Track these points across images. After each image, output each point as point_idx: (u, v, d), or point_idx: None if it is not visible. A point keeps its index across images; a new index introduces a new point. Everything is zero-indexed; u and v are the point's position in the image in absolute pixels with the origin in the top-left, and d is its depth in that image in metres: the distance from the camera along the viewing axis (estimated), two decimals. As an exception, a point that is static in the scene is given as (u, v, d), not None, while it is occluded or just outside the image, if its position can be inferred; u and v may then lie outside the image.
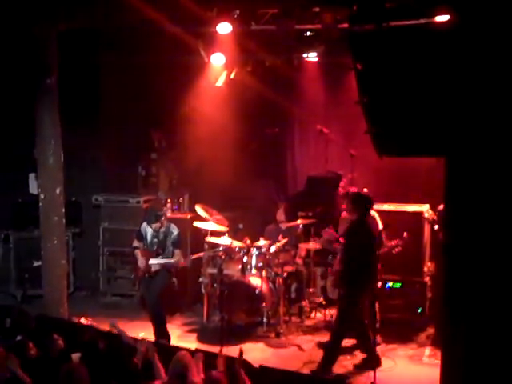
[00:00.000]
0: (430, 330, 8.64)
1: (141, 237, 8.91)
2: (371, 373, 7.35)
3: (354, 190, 9.12)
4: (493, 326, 4.60)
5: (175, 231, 8.77)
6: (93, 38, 10.57)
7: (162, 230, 8.76)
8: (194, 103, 10.63)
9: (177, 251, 8.73)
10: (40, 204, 9.43)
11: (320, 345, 8.55)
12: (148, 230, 8.83)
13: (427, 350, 8.38)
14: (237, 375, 6.14)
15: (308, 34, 9.89)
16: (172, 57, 10.32)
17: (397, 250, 8.44)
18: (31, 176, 10.97)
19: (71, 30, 9.32)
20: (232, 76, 10.58)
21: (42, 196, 9.41)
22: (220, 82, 10.60)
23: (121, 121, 10.96)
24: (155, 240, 8.78)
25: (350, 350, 8.56)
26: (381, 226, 8.76)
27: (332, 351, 7.85)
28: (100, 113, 11.13)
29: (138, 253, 8.89)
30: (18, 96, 10.24)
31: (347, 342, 8.77)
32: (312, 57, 10.46)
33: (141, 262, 8.80)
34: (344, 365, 8.21)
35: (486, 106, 4.43)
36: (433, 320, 8.52)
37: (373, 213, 8.95)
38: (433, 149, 4.99)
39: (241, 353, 6.42)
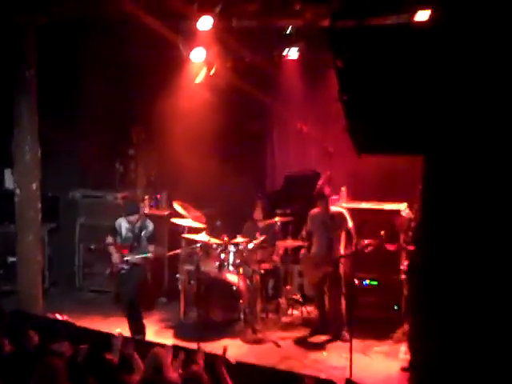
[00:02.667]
0: (406, 327, 8.67)
1: (115, 232, 8.86)
2: (347, 369, 7.39)
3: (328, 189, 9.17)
4: (466, 319, 4.64)
5: (150, 226, 8.76)
6: (71, 32, 10.48)
7: (138, 224, 8.74)
8: (173, 99, 10.58)
9: (151, 246, 8.71)
10: (16, 199, 9.36)
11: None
12: (123, 225, 8.80)
13: (403, 347, 8.42)
14: (218, 372, 6.14)
15: (289, 31, 9.91)
16: (151, 52, 10.28)
17: (369, 248, 8.48)
18: (7, 171, 10.87)
19: (50, 23, 9.24)
20: (212, 72, 10.55)
21: (17, 191, 9.34)
22: (199, 79, 10.56)
23: (99, 116, 10.88)
24: (130, 234, 8.75)
25: (324, 346, 8.66)
26: (350, 224, 8.81)
27: None
28: (78, 108, 11.04)
29: (111, 248, 8.84)
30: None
31: (321, 338, 8.85)
32: (292, 54, 10.46)
33: (115, 257, 8.76)
34: (319, 360, 8.26)
35: (465, 105, 4.46)
36: (408, 317, 8.55)
37: (342, 210, 9.00)
38: (411, 147, 5.01)
39: (224, 351, 6.43)
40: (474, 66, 4.35)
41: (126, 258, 8.65)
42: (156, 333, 9.18)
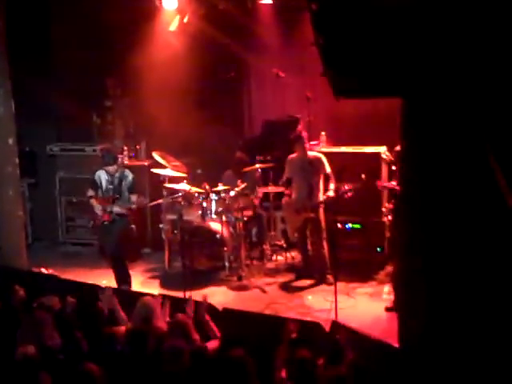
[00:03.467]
0: (389, 269, 8.80)
1: (95, 185, 8.83)
2: (333, 311, 7.50)
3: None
4: (451, 272, 4.71)
5: (130, 176, 8.74)
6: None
7: (117, 175, 8.71)
8: (147, 49, 10.44)
9: (133, 196, 8.69)
10: (-7, 155, 9.25)
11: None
12: (102, 178, 8.76)
13: (386, 287, 8.56)
14: (201, 319, 6.21)
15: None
16: (124, 1, 10.09)
17: (349, 194, 8.52)
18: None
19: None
20: (185, 20, 10.40)
21: (-6, 147, 9.22)
22: (173, 27, 10.42)
23: (74, 68, 10.72)
24: (110, 186, 8.72)
25: (309, 290, 8.78)
26: (328, 168, 8.83)
27: None
28: (52, 60, 10.86)
29: (93, 201, 8.83)
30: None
31: (306, 282, 8.96)
32: (266, -1, 10.33)
33: (98, 210, 8.74)
34: (304, 304, 8.38)
35: (443, 46, 4.44)
36: (391, 259, 8.67)
37: (319, 155, 9.01)
38: (389, 89, 5.00)
39: (204, 299, 6.49)
40: (455, 7, 4.31)
41: (108, 210, 8.64)
42: (142, 283, 9.24)
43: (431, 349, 4.87)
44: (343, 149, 9.54)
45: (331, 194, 8.67)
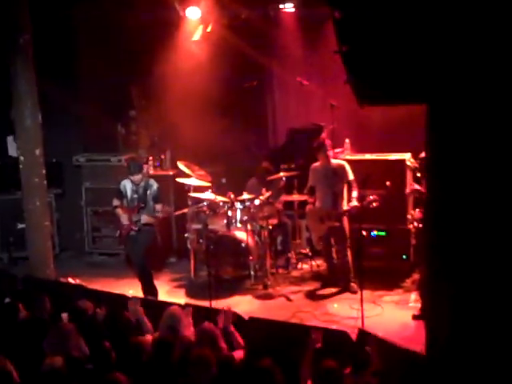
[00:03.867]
0: (415, 276, 8.74)
1: (120, 195, 8.88)
2: (359, 319, 7.47)
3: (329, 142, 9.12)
4: (479, 279, 4.66)
5: (155, 185, 8.78)
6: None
7: (142, 184, 8.76)
8: (171, 58, 10.51)
9: (158, 206, 8.73)
10: (20, 166, 9.35)
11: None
12: (128, 187, 8.81)
13: (413, 295, 8.50)
14: (227, 329, 6.21)
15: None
16: (148, 11, 10.17)
17: (374, 205, 8.48)
18: (9, 138, 10.86)
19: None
20: (208, 30, 10.47)
21: (21, 158, 9.33)
22: (196, 36, 10.49)
23: (98, 79, 10.81)
24: (135, 196, 8.76)
25: (335, 298, 8.75)
26: (351, 176, 8.80)
27: None
28: (77, 71, 10.97)
29: (119, 211, 8.88)
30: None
31: (332, 291, 8.92)
32: (289, 8, 10.36)
33: (124, 219, 8.78)
34: (330, 312, 8.35)
35: (468, 53, 4.41)
36: (417, 266, 8.61)
37: (342, 162, 8.98)
38: (414, 96, 4.97)
39: (228, 308, 6.48)
40: (478, 12, 4.29)
41: (134, 219, 8.68)
42: (168, 292, 9.27)
43: (459, 357, 4.82)
44: (367, 156, 9.50)
45: (355, 203, 8.62)
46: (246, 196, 9.44)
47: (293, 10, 10.35)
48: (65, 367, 5.27)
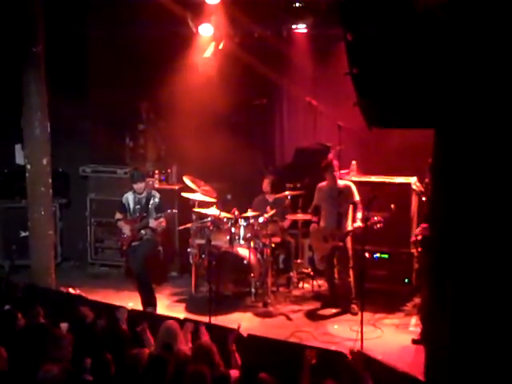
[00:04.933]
0: (417, 300, 8.72)
1: (123, 208, 8.92)
2: (358, 341, 7.45)
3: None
4: (480, 305, 4.66)
5: (157, 196, 8.85)
6: (81, 8, 10.47)
7: (144, 195, 8.82)
8: (182, 74, 10.56)
9: (161, 218, 8.75)
10: (27, 174, 9.40)
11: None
12: (130, 199, 8.87)
13: (413, 319, 8.48)
14: (229, 348, 6.19)
15: (297, 4, 9.85)
16: (160, 27, 10.24)
17: (378, 226, 8.48)
18: (17, 147, 10.91)
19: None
20: (220, 47, 10.53)
21: (28, 166, 9.37)
22: (208, 53, 10.55)
23: (108, 91, 10.85)
24: (137, 207, 8.82)
25: (335, 319, 8.73)
26: (357, 197, 8.81)
27: None
28: (88, 83, 11.04)
29: (121, 223, 8.91)
30: (4, 65, 10.13)
31: (332, 311, 8.90)
32: (301, 28, 10.42)
33: (126, 230, 8.80)
34: (330, 333, 8.33)
35: (477, 80, 4.43)
36: (419, 290, 8.59)
37: (349, 183, 8.99)
38: (423, 121, 4.99)
39: (238, 328, 6.49)
40: (488, 38, 4.31)
41: (137, 228, 8.68)
42: (167, 307, 9.26)
43: (458, 383, 4.81)
44: (373, 178, 9.52)
45: (359, 223, 8.62)
46: (250, 213, 9.46)
47: (305, 30, 10.41)
48: (60, 375, 5.27)
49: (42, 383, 5.26)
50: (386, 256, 9.30)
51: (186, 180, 9.71)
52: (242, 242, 9.39)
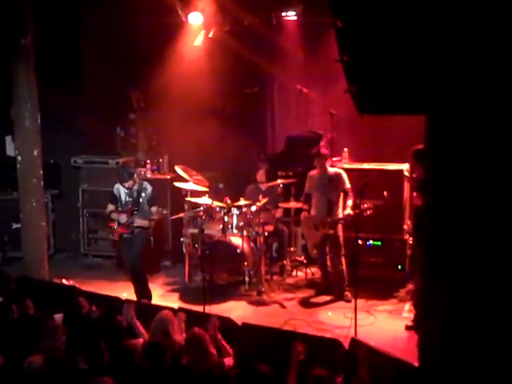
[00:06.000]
0: (410, 286, 8.75)
1: (114, 199, 8.78)
2: (352, 328, 7.47)
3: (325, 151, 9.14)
4: (473, 291, 4.67)
5: (149, 188, 8.66)
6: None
7: (135, 188, 8.66)
8: (172, 63, 10.52)
9: (154, 208, 8.66)
10: (18, 166, 9.36)
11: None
12: (121, 190, 8.71)
13: (406, 305, 8.51)
14: (214, 337, 6.19)
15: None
16: (150, 16, 10.19)
17: (368, 213, 8.48)
18: (8, 138, 10.86)
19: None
20: (210, 35, 10.49)
21: (19, 158, 9.33)
22: (198, 42, 10.51)
23: (99, 81, 10.80)
24: (129, 199, 8.68)
25: (328, 306, 8.75)
26: (348, 185, 8.82)
27: None
28: (78, 73, 10.97)
29: (114, 215, 8.78)
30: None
31: (326, 299, 8.93)
32: (291, 16, 10.38)
33: (123, 218, 8.66)
34: (323, 320, 8.34)
35: (468, 64, 4.43)
36: (412, 276, 8.62)
37: (339, 171, 8.99)
38: (414, 107, 4.99)
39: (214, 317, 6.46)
40: (479, 22, 4.30)
41: (128, 222, 8.60)
42: (161, 296, 9.26)
43: (451, 369, 4.83)
44: (365, 165, 9.52)
45: (349, 211, 8.63)
46: (242, 202, 9.46)
47: (295, 18, 10.37)
48: (45, 366, 5.27)
49: (25, 374, 5.26)
50: (378, 243, 9.32)
51: (178, 169, 9.68)
52: (234, 230, 9.39)
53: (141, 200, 8.63)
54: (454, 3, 4.34)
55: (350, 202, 8.72)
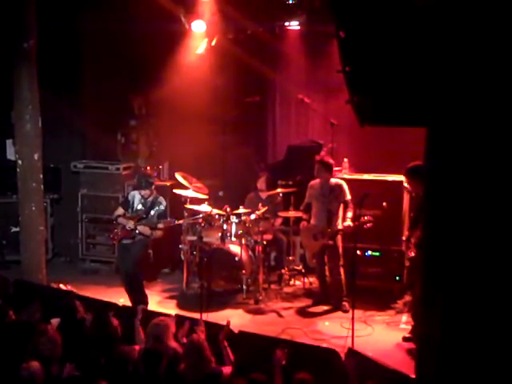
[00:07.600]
0: (407, 298, 8.73)
1: (127, 204, 8.85)
2: (349, 338, 7.46)
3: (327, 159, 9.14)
4: (472, 303, 4.67)
5: (163, 204, 8.78)
6: (74, 3, 10.43)
7: (150, 199, 8.75)
8: (174, 70, 10.54)
9: (160, 223, 8.71)
10: (18, 170, 9.36)
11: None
12: (136, 198, 8.80)
13: (404, 317, 8.50)
14: (220, 344, 6.19)
15: (290, 1, 9.85)
16: (153, 23, 10.21)
17: (368, 225, 8.48)
18: (8, 142, 10.87)
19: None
20: (213, 43, 10.52)
21: (19, 162, 9.33)
22: (201, 50, 10.54)
23: (100, 87, 10.83)
24: (140, 207, 8.75)
25: (326, 316, 8.74)
26: (348, 196, 8.82)
27: None
28: (79, 78, 11.00)
29: (121, 220, 8.79)
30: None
31: (323, 308, 8.91)
32: (294, 25, 10.42)
33: (130, 224, 8.67)
34: (321, 330, 8.33)
35: (470, 78, 4.43)
36: (410, 288, 8.61)
37: (340, 181, 9.00)
38: (415, 119, 4.99)
39: (227, 324, 6.48)
40: (481, 36, 4.31)
41: (132, 227, 8.62)
42: (159, 303, 9.24)
43: (448, 381, 4.82)
44: (365, 176, 9.53)
45: (349, 222, 8.63)
46: (241, 210, 9.45)
47: (298, 27, 10.41)
48: (41, 372, 5.26)
49: (22, 380, 5.25)
50: (377, 254, 9.31)
51: (178, 176, 9.69)
52: (233, 238, 9.39)
53: (152, 212, 8.71)
54: (455, 16, 4.35)
55: (349, 214, 8.72)
